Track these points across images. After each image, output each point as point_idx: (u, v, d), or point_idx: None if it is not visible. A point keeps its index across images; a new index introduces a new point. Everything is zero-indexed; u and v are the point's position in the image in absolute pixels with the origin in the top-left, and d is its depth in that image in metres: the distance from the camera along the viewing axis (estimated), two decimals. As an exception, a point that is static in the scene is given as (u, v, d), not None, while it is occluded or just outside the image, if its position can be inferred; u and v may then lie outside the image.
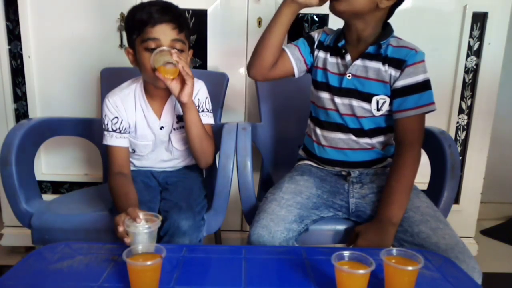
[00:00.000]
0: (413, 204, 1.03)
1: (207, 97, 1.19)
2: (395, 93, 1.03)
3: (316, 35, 1.14)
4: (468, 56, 1.60)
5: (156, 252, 0.74)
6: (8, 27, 1.54)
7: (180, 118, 1.16)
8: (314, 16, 1.55)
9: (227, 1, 1.53)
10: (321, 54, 1.11)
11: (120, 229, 0.84)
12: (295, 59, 1.11)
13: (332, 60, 1.10)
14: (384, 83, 1.04)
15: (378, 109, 1.06)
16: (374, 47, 1.04)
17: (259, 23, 1.55)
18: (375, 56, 1.04)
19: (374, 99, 1.05)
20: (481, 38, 1.59)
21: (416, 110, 1.02)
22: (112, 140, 1.11)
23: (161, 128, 1.16)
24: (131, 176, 1.14)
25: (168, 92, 1.13)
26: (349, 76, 1.05)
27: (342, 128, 1.09)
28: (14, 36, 1.55)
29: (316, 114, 1.15)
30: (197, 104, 1.14)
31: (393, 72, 1.03)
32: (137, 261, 0.71)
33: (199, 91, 1.17)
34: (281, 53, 1.09)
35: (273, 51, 1.05)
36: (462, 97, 1.65)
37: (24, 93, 1.60)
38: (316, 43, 1.12)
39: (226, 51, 1.57)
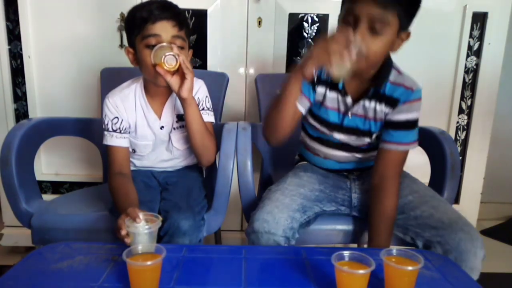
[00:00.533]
0: (412, 189, 1.07)
1: (207, 96, 1.19)
2: (386, 125, 1.04)
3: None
4: (468, 56, 1.61)
5: (156, 252, 0.74)
6: (8, 27, 1.54)
7: (180, 118, 1.15)
8: (314, 16, 1.55)
9: (227, 1, 1.53)
10: (320, 89, 1.06)
11: (123, 232, 0.84)
12: (302, 105, 1.04)
13: (331, 95, 1.06)
14: (381, 121, 1.05)
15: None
16: (374, 88, 1.01)
17: (259, 23, 1.55)
18: (374, 95, 1.02)
19: (374, 134, 1.07)
20: (481, 38, 1.59)
21: (404, 146, 1.02)
22: (112, 140, 1.11)
23: (161, 127, 1.16)
24: (131, 176, 1.14)
25: (168, 92, 1.13)
26: (350, 116, 1.06)
27: (343, 147, 1.11)
28: (14, 36, 1.55)
29: (313, 133, 1.16)
30: (197, 102, 1.13)
31: (387, 109, 1.03)
32: (137, 261, 0.71)
33: (199, 90, 1.17)
34: None
35: (292, 121, 1.00)
36: (462, 97, 1.65)
37: (24, 93, 1.60)
38: (315, 79, 1.05)
39: (226, 51, 1.58)
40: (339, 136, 1.09)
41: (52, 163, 1.69)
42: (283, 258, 0.86)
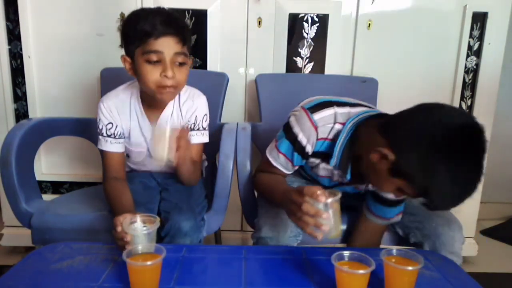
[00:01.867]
0: None
1: (205, 114, 1.15)
2: (375, 196, 1.02)
3: (308, 146, 0.95)
4: (468, 56, 1.60)
5: (156, 252, 0.74)
6: (8, 27, 1.54)
7: None
8: (314, 16, 1.55)
9: (227, 1, 1.53)
10: (313, 160, 1.00)
11: (118, 229, 0.83)
12: (291, 170, 1.03)
13: (326, 166, 0.99)
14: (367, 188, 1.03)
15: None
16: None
17: (259, 23, 1.55)
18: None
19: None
20: (481, 38, 1.59)
21: (390, 219, 1.02)
22: (107, 145, 1.09)
23: None
24: (128, 178, 1.13)
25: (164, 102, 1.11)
26: (342, 186, 1.03)
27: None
28: (14, 36, 1.55)
29: (305, 172, 1.14)
30: (192, 122, 1.12)
31: None
32: (137, 261, 0.71)
33: (198, 108, 1.13)
34: (275, 169, 1.02)
35: None
36: (462, 97, 1.65)
37: (24, 93, 1.60)
38: (311, 153, 0.97)
39: (226, 51, 1.57)
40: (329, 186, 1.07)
41: (52, 163, 1.68)
42: (283, 258, 0.86)
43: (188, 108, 1.13)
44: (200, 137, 1.14)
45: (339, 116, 0.93)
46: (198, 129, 1.13)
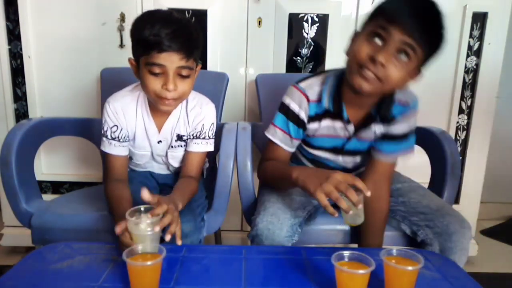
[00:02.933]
0: (399, 180, 1.13)
1: (213, 123, 1.13)
2: (381, 136, 1.03)
3: (301, 111, 1.01)
4: (468, 56, 1.61)
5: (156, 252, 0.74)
6: (8, 27, 1.54)
7: (179, 138, 1.13)
8: (314, 16, 1.55)
9: (227, 1, 1.53)
10: (312, 126, 1.03)
11: (122, 226, 0.81)
12: (291, 146, 1.06)
13: (327, 123, 1.02)
14: (376, 141, 1.05)
15: None
16: (375, 113, 0.99)
17: (259, 23, 1.55)
18: (374, 118, 1.00)
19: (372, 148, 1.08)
20: (481, 38, 1.59)
21: (397, 156, 1.03)
22: (111, 148, 1.08)
23: (159, 142, 1.12)
24: (128, 179, 1.13)
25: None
26: (351, 140, 1.04)
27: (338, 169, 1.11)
28: (14, 36, 1.55)
29: (307, 154, 1.14)
30: (199, 130, 1.11)
31: (384, 127, 1.02)
32: (137, 261, 0.71)
33: (206, 117, 1.11)
34: (274, 147, 1.05)
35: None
36: (462, 97, 1.65)
37: (24, 93, 1.60)
38: (306, 120, 1.02)
39: (226, 51, 1.57)
40: (337, 158, 1.09)
41: (52, 163, 1.69)
42: (283, 258, 0.86)
43: (196, 115, 1.11)
44: (205, 146, 1.12)
45: (326, 79, 1.00)
46: (203, 138, 1.12)
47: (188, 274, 0.79)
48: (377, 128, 1.02)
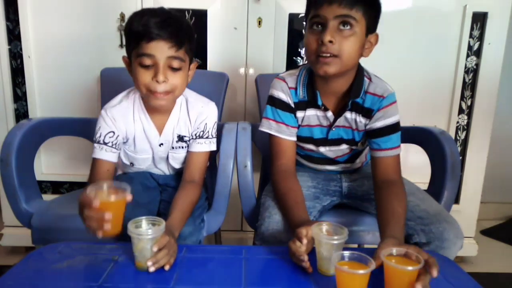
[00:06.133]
0: None
1: (215, 122, 1.13)
2: (370, 134, 1.05)
3: (285, 96, 1.06)
4: (468, 56, 1.61)
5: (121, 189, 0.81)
6: (8, 27, 1.54)
7: (180, 138, 1.12)
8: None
9: (227, 1, 1.53)
10: (299, 114, 1.08)
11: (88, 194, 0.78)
12: (293, 135, 1.08)
13: (310, 112, 1.07)
14: (363, 131, 1.07)
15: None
16: (351, 101, 1.02)
17: (259, 23, 1.55)
18: (353, 107, 1.04)
19: (359, 143, 1.11)
20: (481, 38, 1.59)
21: (392, 150, 1.03)
22: (101, 153, 1.03)
23: (160, 145, 1.11)
24: (127, 179, 1.13)
25: (169, 107, 1.09)
26: (334, 128, 1.07)
27: (330, 161, 1.16)
28: (14, 36, 1.55)
29: (300, 151, 1.17)
30: (202, 129, 1.10)
31: (365, 120, 1.05)
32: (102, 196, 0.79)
33: (208, 116, 1.11)
34: (274, 141, 1.08)
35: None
36: (462, 97, 1.65)
37: (24, 93, 1.60)
38: (292, 103, 1.07)
39: (226, 51, 1.57)
40: (324, 150, 1.11)
41: (52, 163, 1.69)
42: (283, 258, 0.86)
43: (198, 114, 1.10)
44: (208, 145, 1.11)
45: (300, 71, 1.08)
46: (206, 137, 1.11)
47: (188, 274, 0.79)
48: (358, 118, 1.05)
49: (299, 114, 1.07)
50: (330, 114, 1.05)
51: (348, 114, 1.05)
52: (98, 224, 0.77)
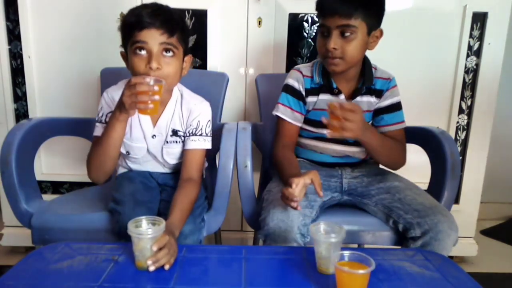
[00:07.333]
0: (396, 179, 1.18)
1: (209, 120, 1.14)
2: (378, 112, 1.19)
3: (298, 85, 1.19)
4: (468, 56, 1.61)
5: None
6: (8, 27, 1.54)
7: (175, 133, 1.13)
8: (314, 16, 1.55)
9: (227, 1, 1.53)
10: (311, 99, 1.19)
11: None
12: (297, 120, 1.20)
13: (323, 97, 1.18)
14: (370, 112, 1.20)
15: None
16: (362, 85, 1.16)
17: (259, 23, 1.55)
18: (366, 91, 1.17)
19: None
20: (481, 38, 1.59)
21: (398, 125, 1.19)
22: (102, 131, 1.06)
23: (153, 136, 1.13)
24: (128, 178, 1.13)
25: (166, 100, 1.11)
26: None
27: (338, 141, 1.20)
28: (14, 36, 1.55)
29: (308, 135, 1.23)
30: (195, 127, 1.11)
31: (376, 100, 1.19)
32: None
33: (201, 114, 1.13)
34: (282, 123, 1.20)
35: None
36: (462, 97, 1.65)
37: (24, 93, 1.60)
38: (304, 93, 1.19)
39: (226, 51, 1.57)
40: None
41: (52, 163, 1.69)
42: (283, 258, 0.86)
43: (191, 111, 1.12)
44: (202, 143, 1.12)
45: (315, 62, 1.21)
46: (200, 135, 1.12)
47: (188, 274, 0.79)
48: (371, 99, 1.18)
49: (311, 99, 1.19)
50: (342, 97, 1.16)
51: (359, 98, 1.17)
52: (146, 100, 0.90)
